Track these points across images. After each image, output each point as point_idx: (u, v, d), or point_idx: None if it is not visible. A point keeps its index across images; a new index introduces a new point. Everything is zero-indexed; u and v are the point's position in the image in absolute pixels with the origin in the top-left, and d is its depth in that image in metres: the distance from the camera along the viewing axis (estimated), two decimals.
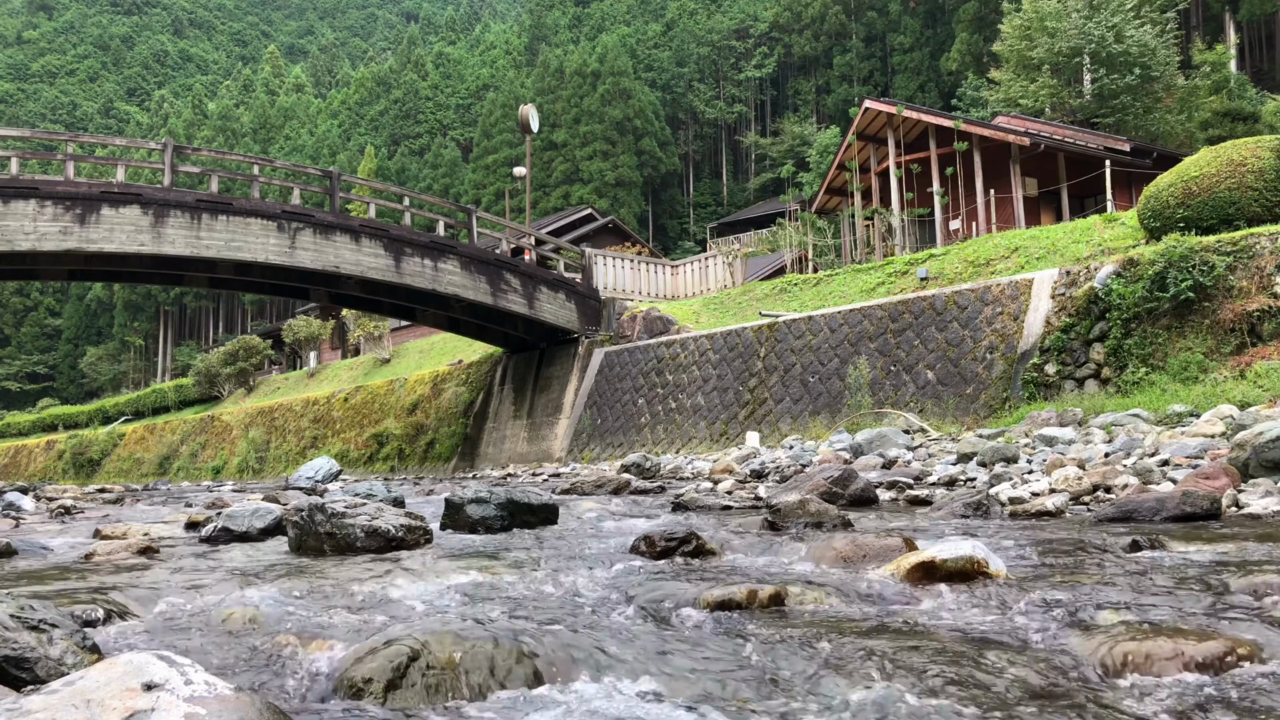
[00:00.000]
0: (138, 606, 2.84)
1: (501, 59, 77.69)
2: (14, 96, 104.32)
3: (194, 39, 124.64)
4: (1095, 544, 3.78)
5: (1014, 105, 31.43)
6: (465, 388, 25.91)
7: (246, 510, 5.38)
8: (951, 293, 14.56)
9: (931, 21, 54.96)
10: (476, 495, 5.23)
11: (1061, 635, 2.25)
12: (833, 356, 15.88)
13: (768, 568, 3.46)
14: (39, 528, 6.74)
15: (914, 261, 17.59)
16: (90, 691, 1.46)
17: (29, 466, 45.48)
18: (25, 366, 76.27)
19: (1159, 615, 2.39)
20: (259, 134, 78.82)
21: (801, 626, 2.43)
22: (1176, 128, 29.65)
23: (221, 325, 71.56)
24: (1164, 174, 13.73)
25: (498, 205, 55.70)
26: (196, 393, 43.19)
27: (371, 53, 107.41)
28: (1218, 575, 2.97)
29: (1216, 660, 1.95)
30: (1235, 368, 10.66)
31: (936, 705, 1.77)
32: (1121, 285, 11.97)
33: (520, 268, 21.40)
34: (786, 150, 57.80)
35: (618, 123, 57.49)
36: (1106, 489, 6.01)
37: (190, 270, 18.78)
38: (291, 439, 31.74)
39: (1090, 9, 29.56)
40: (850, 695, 1.83)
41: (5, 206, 15.87)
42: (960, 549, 2.94)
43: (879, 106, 25.48)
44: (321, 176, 21.27)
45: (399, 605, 2.85)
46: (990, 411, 12.96)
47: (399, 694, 1.86)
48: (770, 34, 64.94)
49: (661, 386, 19.01)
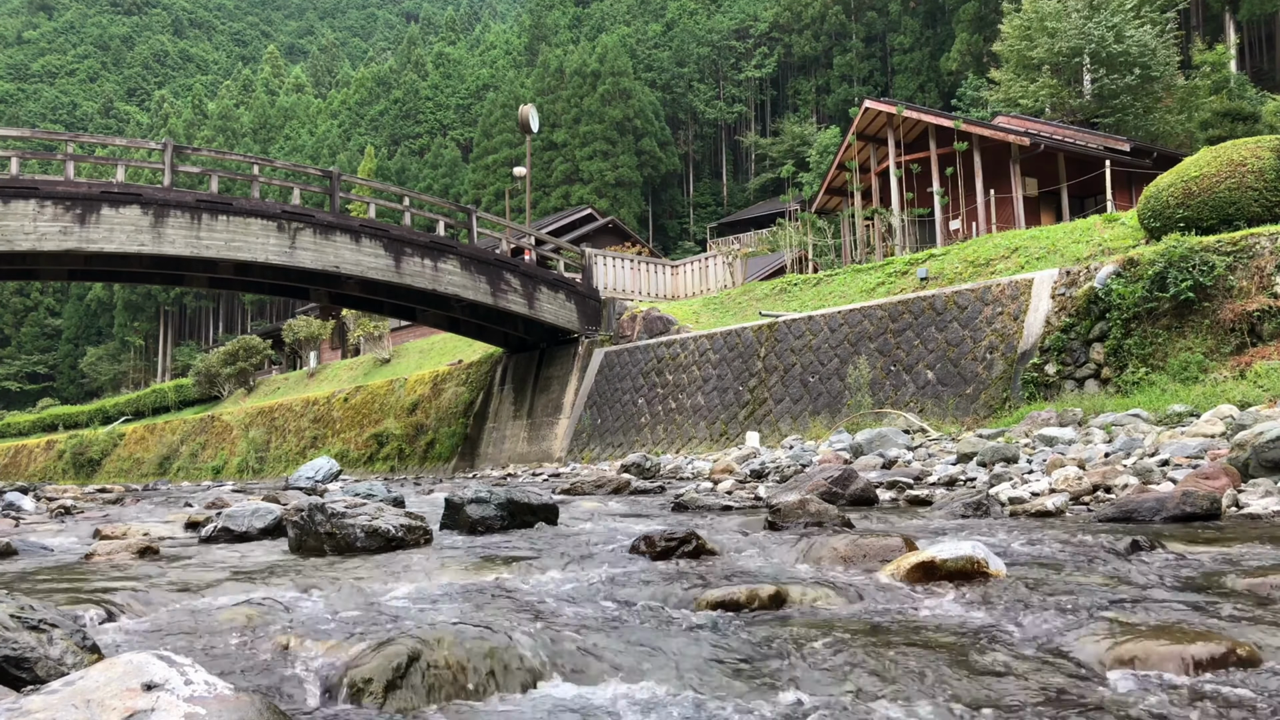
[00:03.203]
0: (138, 606, 2.84)
1: (501, 59, 77.72)
2: (14, 96, 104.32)
3: (194, 39, 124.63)
4: (1095, 544, 3.77)
5: (1014, 105, 31.43)
6: (465, 388, 25.91)
7: (246, 510, 5.38)
8: (951, 293, 14.56)
9: (931, 21, 54.96)
10: (476, 495, 5.23)
11: (1062, 635, 2.25)
12: (833, 356, 15.88)
13: (768, 568, 3.46)
14: (39, 528, 6.74)
15: (914, 261, 17.59)
16: (90, 691, 1.46)
17: (29, 466, 45.48)
18: (25, 366, 76.27)
19: (1159, 616, 2.39)
20: (259, 134, 78.84)
21: (802, 627, 2.43)
22: (1176, 128, 29.65)
23: (221, 325, 71.57)
24: (1164, 174, 13.72)
25: (498, 205, 55.70)
26: (196, 393, 43.20)
27: (371, 53, 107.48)
28: (1218, 576, 2.97)
29: (1217, 661, 1.95)
30: (1235, 368, 10.66)
31: (937, 705, 1.77)
32: (1121, 285, 11.97)
33: (520, 268, 21.40)
34: (786, 150, 57.80)
35: (618, 123, 57.49)
36: (1106, 489, 6.01)
37: (190, 270, 18.78)
38: (291, 439, 31.74)
39: (1090, 9, 29.56)
40: (850, 695, 1.83)
41: (5, 206, 15.86)
42: (960, 549, 2.94)
43: (879, 106, 25.48)
44: (321, 176, 21.27)
45: (399, 605, 2.85)
46: (990, 411, 12.95)
47: (399, 694, 1.86)
48: (770, 34, 64.94)
49: (661, 386, 19.01)
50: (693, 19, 67.71)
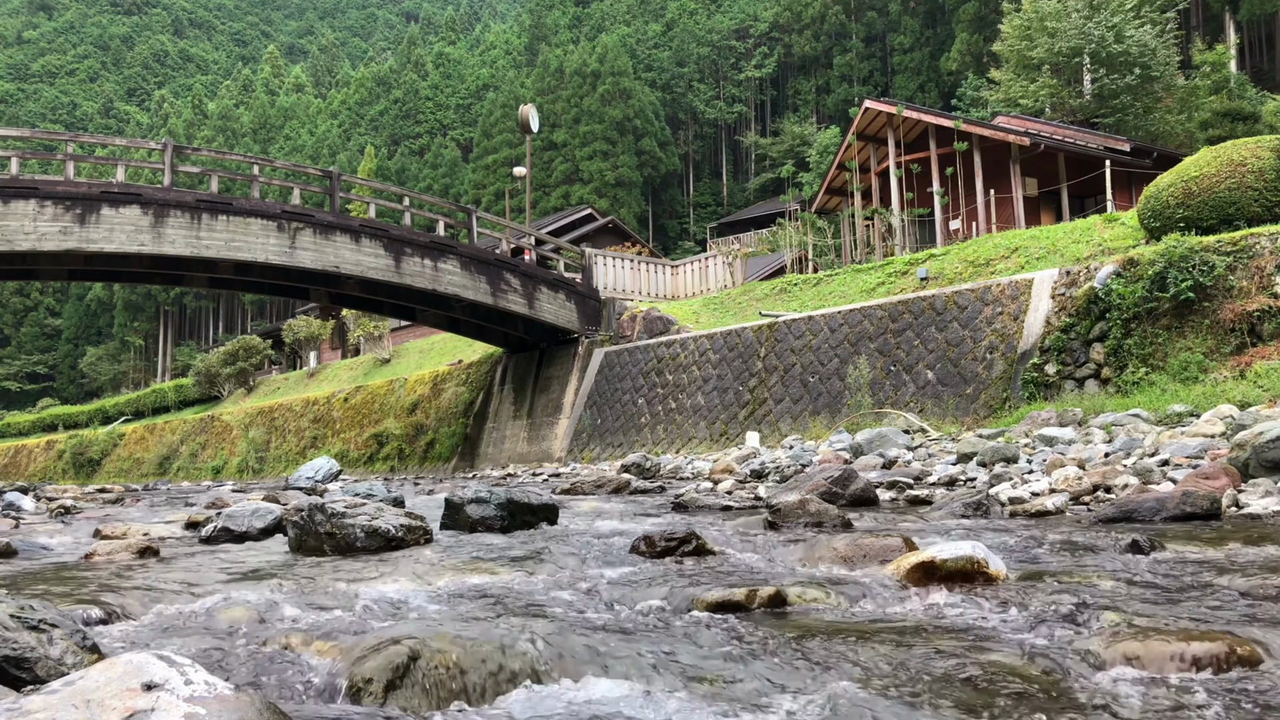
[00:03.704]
0: (138, 606, 2.84)
1: (501, 59, 77.71)
2: (14, 96, 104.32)
3: (194, 39, 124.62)
4: (1095, 544, 3.77)
5: (1014, 105, 31.43)
6: (465, 388, 25.90)
7: (246, 510, 5.38)
8: (951, 293, 14.56)
9: (931, 21, 54.96)
10: (476, 495, 5.23)
11: (1062, 635, 2.25)
12: (833, 356, 15.88)
13: (768, 568, 3.46)
14: (39, 528, 6.73)
15: (914, 261, 17.59)
16: (90, 691, 1.46)
17: (29, 466, 45.48)
18: (25, 366, 76.27)
19: (1159, 616, 2.39)
20: (259, 134, 78.82)
21: (802, 627, 2.43)
22: (1176, 128, 29.65)
23: (221, 325, 71.56)
24: (1164, 174, 13.72)
25: (498, 205, 55.69)
26: (196, 393, 43.20)
27: (371, 53, 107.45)
28: (1218, 576, 2.97)
29: (1217, 661, 1.95)
30: (1235, 368, 10.66)
31: (937, 705, 1.77)
32: (1121, 285, 11.97)
33: (520, 268, 21.40)
34: (786, 150, 57.80)
35: (618, 123, 57.49)
36: (1106, 489, 6.01)
37: (190, 270, 18.78)
38: (291, 439, 31.74)
39: (1090, 9, 29.56)
40: (850, 695, 1.83)
41: (5, 206, 15.86)
42: (960, 549, 2.94)
43: (879, 106, 25.48)
44: (321, 176, 21.27)
45: (399, 605, 2.85)
46: (990, 411, 12.95)
47: (399, 694, 1.86)
48: (770, 34, 64.93)
49: (661, 386, 19.01)
50: (693, 19, 67.69)
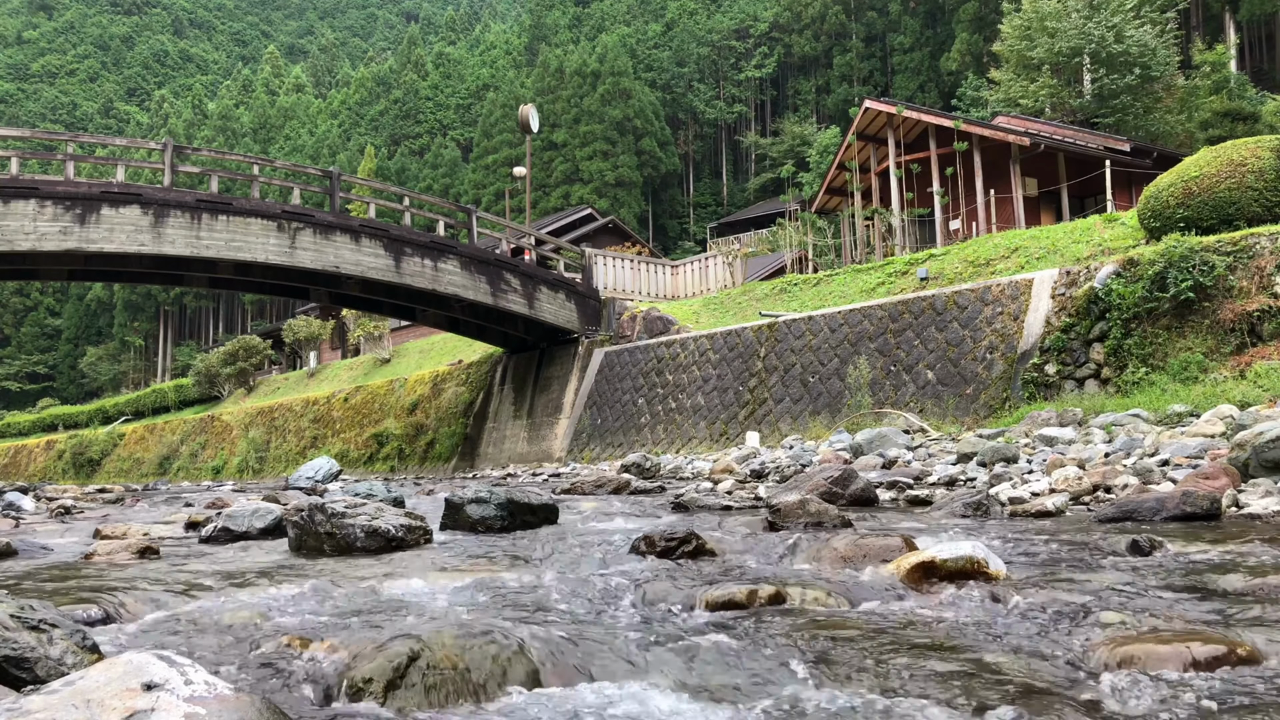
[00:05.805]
0: (138, 606, 2.84)
1: (501, 59, 77.66)
2: (14, 96, 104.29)
3: (194, 39, 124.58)
4: (1095, 544, 3.77)
5: (1014, 105, 31.43)
6: (465, 388, 25.90)
7: (246, 510, 5.38)
8: (951, 293, 14.56)
9: (931, 21, 54.94)
10: (476, 495, 5.23)
11: (1061, 635, 2.25)
12: (833, 356, 15.88)
13: (768, 568, 3.46)
14: (39, 528, 6.74)
15: (914, 261, 17.59)
16: (90, 691, 1.46)
17: (29, 466, 45.48)
18: (25, 366, 76.24)
19: (1159, 616, 2.39)
20: (259, 134, 78.81)
21: (802, 626, 2.43)
22: (1176, 128, 29.65)
23: (221, 325, 71.55)
24: (1164, 174, 13.72)
25: (498, 205, 55.69)
26: (196, 393, 43.19)
27: (371, 53, 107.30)
28: (1218, 576, 2.97)
29: (1217, 661, 1.95)
30: (1235, 368, 10.65)
31: (937, 705, 1.77)
32: (1121, 285, 11.97)
33: (520, 268, 21.40)
34: (786, 150, 57.78)
35: (618, 123, 57.48)
36: (1106, 489, 6.01)
37: (190, 270, 18.77)
38: (291, 439, 31.74)
39: (1090, 9, 29.56)
40: (850, 695, 1.83)
41: (5, 206, 15.86)
42: (960, 549, 2.94)
43: (879, 106, 25.47)
44: (321, 176, 21.26)
45: (399, 605, 2.85)
46: (990, 411, 12.95)
47: (399, 694, 1.86)
48: (770, 34, 64.91)
49: (661, 386, 19.01)
50: (693, 19, 67.67)
